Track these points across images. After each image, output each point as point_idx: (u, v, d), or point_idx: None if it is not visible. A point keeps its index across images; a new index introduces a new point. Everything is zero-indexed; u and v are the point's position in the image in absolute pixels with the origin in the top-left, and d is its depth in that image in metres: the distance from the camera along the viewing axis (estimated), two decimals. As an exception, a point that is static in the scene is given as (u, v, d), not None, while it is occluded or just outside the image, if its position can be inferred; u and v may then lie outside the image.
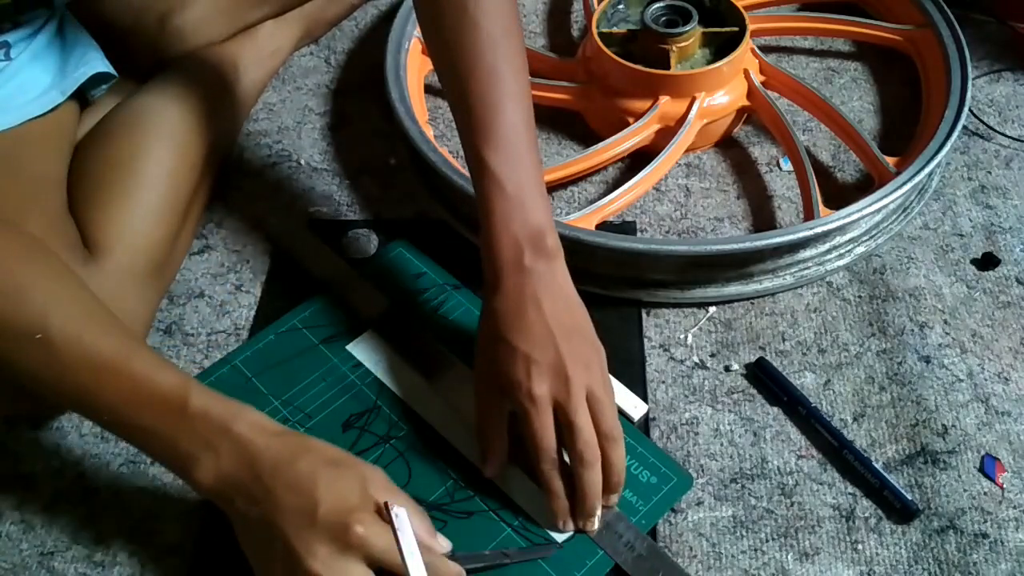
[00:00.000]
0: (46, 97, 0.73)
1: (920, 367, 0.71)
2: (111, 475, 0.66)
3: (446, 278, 0.77)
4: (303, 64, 0.99)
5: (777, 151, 0.88)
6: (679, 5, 0.86)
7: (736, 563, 0.62)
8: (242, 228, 0.82)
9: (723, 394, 0.70)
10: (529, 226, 0.61)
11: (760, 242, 0.72)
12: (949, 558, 0.61)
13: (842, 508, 0.64)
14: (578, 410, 0.59)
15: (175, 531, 0.63)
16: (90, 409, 0.56)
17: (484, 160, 0.62)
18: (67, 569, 0.62)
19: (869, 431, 0.68)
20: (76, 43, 0.76)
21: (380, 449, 0.66)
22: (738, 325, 0.74)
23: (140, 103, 0.79)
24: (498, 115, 0.62)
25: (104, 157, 0.75)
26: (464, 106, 0.63)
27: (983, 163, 0.86)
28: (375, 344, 0.72)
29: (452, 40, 0.63)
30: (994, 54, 0.97)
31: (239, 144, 0.90)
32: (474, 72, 0.62)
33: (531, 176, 0.62)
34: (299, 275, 0.78)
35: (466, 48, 0.62)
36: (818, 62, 0.97)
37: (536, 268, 0.61)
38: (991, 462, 0.66)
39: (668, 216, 0.82)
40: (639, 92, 0.85)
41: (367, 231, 0.82)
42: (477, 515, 0.63)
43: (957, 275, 0.77)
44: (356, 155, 0.89)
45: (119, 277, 0.69)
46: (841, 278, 0.77)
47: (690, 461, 0.66)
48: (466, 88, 0.62)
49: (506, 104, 0.62)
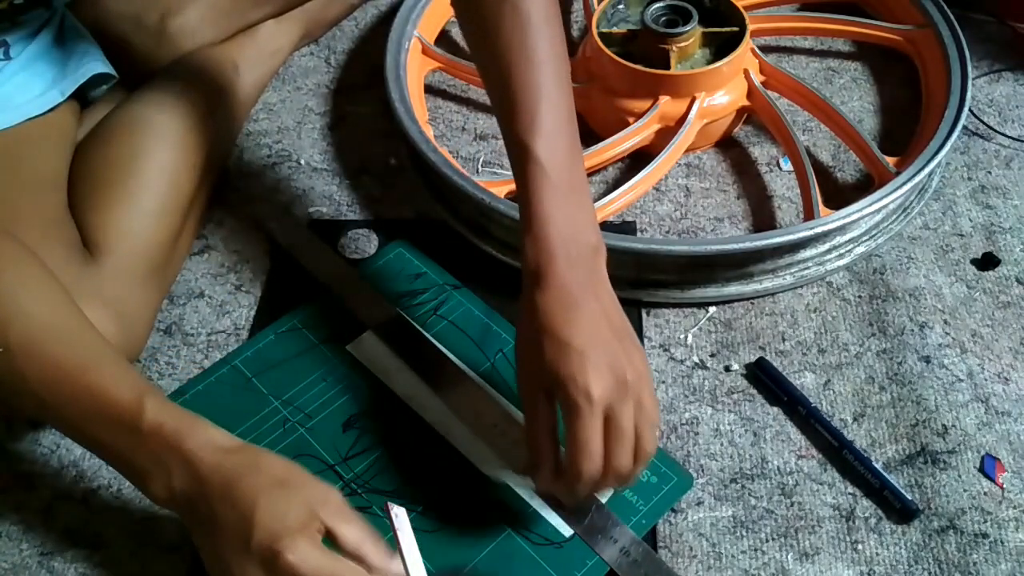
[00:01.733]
0: (46, 97, 0.73)
1: (920, 367, 0.71)
2: (111, 475, 0.66)
3: (446, 278, 0.77)
4: (303, 64, 0.99)
5: (777, 151, 0.88)
6: (679, 5, 0.86)
7: (736, 563, 0.62)
8: (242, 228, 0.82)
9: (723, 394, 0.70)
10: (577, 219, 0.59)
11: (760, 242, 0.72)
12: (949, 558, 0.61)
13: (842, 508, 0.64)
14: (628, 415, 0.56)
15: (175, 531, 0.63)
16: (49, 420, 0.56)
17: (528, 147, 0.59)
18: (67, 569, 0.62)
19: (869, 431, 0.68)
20: (76, 43, 0.76)
21: (380, 449, 0.66)
22: (738, 325, 0.74)
23: (140, 104, 0.79)
24: (542, 102, 0.59)
25: (104, 157, 0.75)
26: (506, 93, 0.60)
27: (983, 163, 0.86)
28: (375, 344, 0.72)
29: (492, 26, 0.60)
30: (994, 54, 0.96)
31: (239, 144, 0.90)
32: (517, 58, 0.60)
33: (577, 166, 0.60)
34: (299, 275, 0.78)
35: (507, 34, 0.60)
36: (818, 62, 0.97)
37: (585, 262, 0.58)
38: (991, 462, 0.66)
39: (668, 216, 0.82)
40: (639, 92, 0.85)
41: (367, 231, 0.82)
42: (477, 515, 0.63)
43: (957, 275, 0.77)
44: (356, 155, 0.89)
45: (119, 278, 0.69)
46: (841, 278, 0.77)
47: (690, 461, 0.66)
48: (508, 75, 0.60)
49: (550, 91, 0.59)
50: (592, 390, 0.54)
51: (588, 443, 0.55)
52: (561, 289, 0.57)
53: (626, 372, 0.55)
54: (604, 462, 0.56)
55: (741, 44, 0.85)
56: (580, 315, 0.56)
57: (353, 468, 0.65)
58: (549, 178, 0.58)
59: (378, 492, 0.64)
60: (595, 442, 0.55)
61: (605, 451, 0.55)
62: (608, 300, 0.59)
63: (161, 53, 0.84)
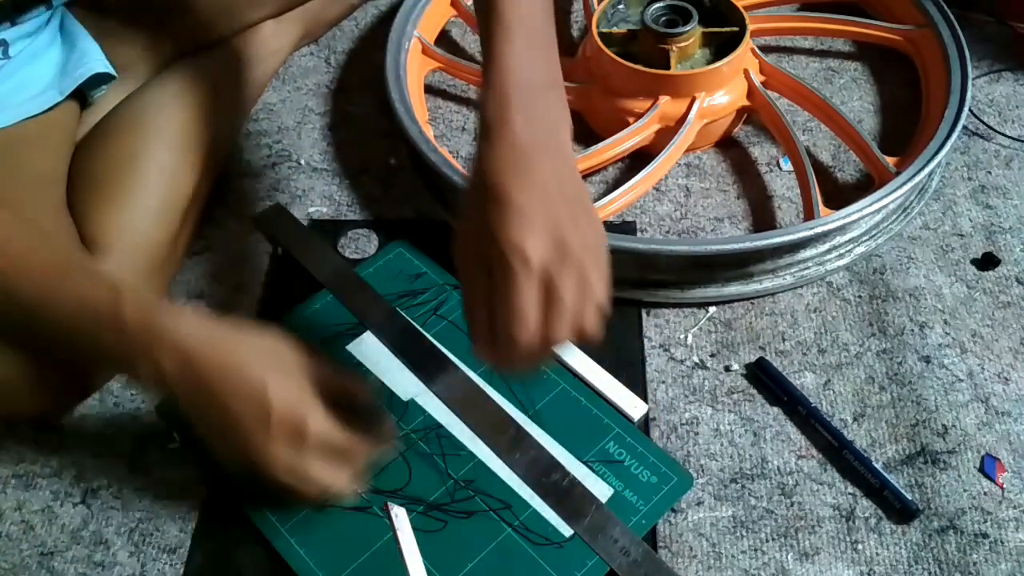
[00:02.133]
0: (45, 96, 0.73)
1: (920, 367, 0.71)
2: (111, 475, 0.66)
3: (446, 278, 0.77)
4: (303, 64, 0.99)
5: (777, 151, 0.88)
6: (679, 5, 0.86)
7: (736, 563, 0.62)
8: (242, 228, 0.82)
9: (723, 394, 0.70)
10: (541, 69, 0.55)
11: (760, 242, 0.72)
12: (949, 558, 0.61)
13: (842, 508, 0.64)
14: (569, 287, 0.51)
15: (175, 531, 0.64)
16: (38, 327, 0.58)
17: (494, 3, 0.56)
18: (67, 569, 0.62)
19: (869, 431, 0.68)
20: (76, 43, 0.76)
21: (380, 449, 0.66)
22: (738, 325, 0.74)
23: (140, 103, 0.79)
24: None
25: (104, 157, 0.75)
26: None
27: (983, 163, 0.86)
28: (375, 344, 0.72)
29: None
30: (994, 54, 0.96)
31: (239, 144, 0.90)
32: None
33: (546, 26, 0.57)
34: (299, 275, 0.78)
35: None
36: (818, 62, 0.97)
37: (546, 124, 0.54)
38: (991, 462, 0.66)
39: (668, 216, 0.82)
40: (639, 92, 0.85)
41: (367, 231, 0.82)
42: (478, 515, 0.63)
43: (957, 275, 0.77)
44: (356, 155, 0.89)
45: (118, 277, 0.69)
46: (841, 278, 0.77)
47: (690, 461, 0.66)
48: None
49: None
50: (528, 251, 0.50)
51: (522, 310, 0.51)
52: (513, 146, 0.53)
53: (570, 239, 0.51)
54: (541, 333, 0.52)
55: (741, 44, 0.85)
56: (529, 175, 0.52)
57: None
58: (510, 28, 0.55)
59: (378, 492, 0.64)
60: (529, 309, 0.51)
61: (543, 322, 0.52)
62: (565, 168, 0.54)
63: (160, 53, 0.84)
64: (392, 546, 0.61)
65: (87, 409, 0.70)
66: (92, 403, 0.70)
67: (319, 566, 0.60)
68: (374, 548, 0.61)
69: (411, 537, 0.54)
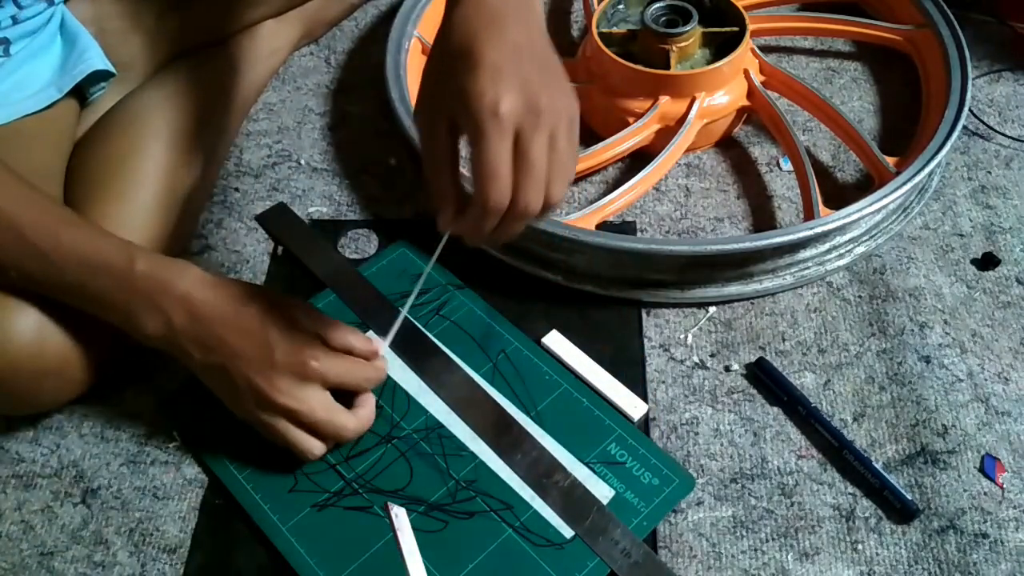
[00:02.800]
0: (43, 94, 0.73)
1: (920, 367, 0.71)
2: (111, 475, 0.66)
3: (448, 278, 0.77)
4: (303, 64, 0.99)
5: (777, 151, 0.88)
6: (679, 5, 0.86)
7: (736, 563, 0.62)
8: (242, 228, 0.82)
9: (723, 394, 0.70)
10: None
11: (760, 242, 0.72)
12: (949, 558, 0.61)
13: (842, 508, 0.64)
14: (540, 147, 0.50)
15: (175, 531, 0.64)
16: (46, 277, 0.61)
17: None
18: (67, 569, 0.62)
19: (869, 431, 0.68)
20: (76, 41, 0.76)
21: (382, 449, 0.66)
22: (738, 325, 0.74)
23: (139, 102, 0.79)
24: None
25: (102, 155, 0.75)
26: None
27: (983, 163, 0.86)
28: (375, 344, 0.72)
29: None
30: (994, 54, 0.97)
31: (239, 144, 0.90)
32: None
33: None
34: (299, 275, 0.78)
35: None
36: (818, 62, 0.97)
37: None
38: (991, 462, 0.66)
39: (668, 216, 0.82)
40: (639, 92, 0.85)
41: (367, 231, 0.82)
42: (479, 515, 0.63)
43: (957, 275, 0.77)
44: (356, 155, 0.89)
45: None
46: (841, 278, 0.77)
47: (690, 461, 0.66)
48: None
49: None
50: (500, 106, 0.49)
51: (496, 166, 0.50)
52: (485, 8, 0.52)
53: (542, 101, 0.50)
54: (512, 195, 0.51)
55: (741, 44, 0.85)
56: (501, 35, 0.51)
57: (355, 468, 0.65)
58: None
59: (378, 492, 0.64)
60: (503, 166, 0.50)
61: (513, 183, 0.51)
62: (537, 34, 0.54)
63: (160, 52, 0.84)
64: (392, 546, 0.61)
65: (87, 409, 0.70)
66: (92, 403, 0.70)
67: (320, 566, 0.60)
68: (374, 548, 0.61)
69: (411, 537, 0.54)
